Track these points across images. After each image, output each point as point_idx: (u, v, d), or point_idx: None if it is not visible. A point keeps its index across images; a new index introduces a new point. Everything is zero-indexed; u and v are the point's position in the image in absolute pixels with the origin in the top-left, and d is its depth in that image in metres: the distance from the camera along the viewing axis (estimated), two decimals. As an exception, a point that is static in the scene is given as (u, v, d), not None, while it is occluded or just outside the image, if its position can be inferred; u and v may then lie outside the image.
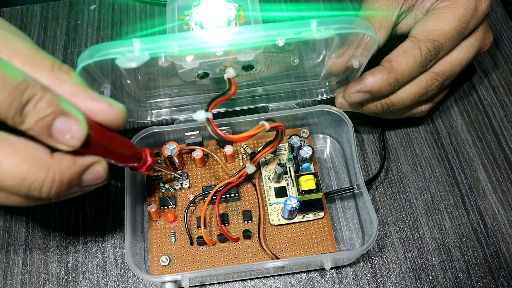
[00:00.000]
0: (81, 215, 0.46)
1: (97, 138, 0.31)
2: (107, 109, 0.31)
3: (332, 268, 0.43)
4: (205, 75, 0.42)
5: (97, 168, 0.32)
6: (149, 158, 0.39)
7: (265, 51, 0.40)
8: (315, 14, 0.58)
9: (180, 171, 0.46)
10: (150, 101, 0.46)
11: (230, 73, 0.39)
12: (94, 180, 0.32)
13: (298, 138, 0.45)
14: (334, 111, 0.46)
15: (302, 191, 0.42)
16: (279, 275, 0.44)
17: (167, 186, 0.46)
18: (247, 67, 0.42)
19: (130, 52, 0.31)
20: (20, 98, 0.26)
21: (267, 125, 0.39)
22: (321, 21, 0.32)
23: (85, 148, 0.30)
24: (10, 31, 0.31)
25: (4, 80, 0.26)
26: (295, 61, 0.44)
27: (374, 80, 0.41)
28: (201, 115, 0.36)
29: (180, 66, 0.40)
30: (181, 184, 0.46)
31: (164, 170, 0.44)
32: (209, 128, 0.37)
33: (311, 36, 0.33)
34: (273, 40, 0.35)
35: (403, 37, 0.45)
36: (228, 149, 0.46)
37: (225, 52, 0.38)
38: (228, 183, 0.44)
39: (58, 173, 0.29)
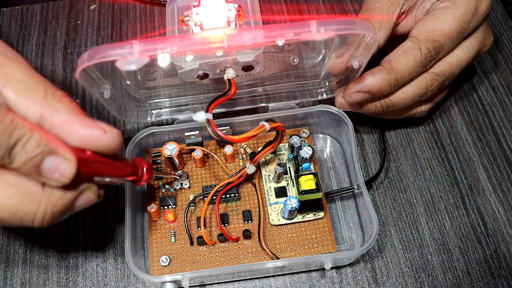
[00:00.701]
0: (81, 215, 0.46)
1: (89, 169, 0.31)
2: (101, 137, 0.31)
3: (332, 268, 0.43)
4: (205, 75, 0.42)
5: (87, 195, 0.32)
6: (145, 174, 0.38)
7: (264, 51, 0.40)
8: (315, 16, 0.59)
9: (180, 171, 0.46)
10: (150, 101, 0.46)
11: (230, 73, 0.39)
12: (86, 205, 0.33)
13: (298, 138, 0.45)
14: (334, 111, 0.46)
15: (302, 191, 0.42)
16: (279, 275, 0.44)
17: (167, 186, 0.46)
18: (247, 67, 0.42)
19: (130, 54, 0.31)
20: (8, 140, 0.27)
21: (267, 126, 0.39)
22: (321, 22, 0.32)
23: (76, 180, 0.30)
24: (4, 54, 0.31)
25: None
26: (295, 60, 0.44)
27: (374, 80, 0.41)
28: (201, 116, 0.36)
29: (180, 67, 0.40)
30: (181, 184, 0.46)
31: (164, 176, 0.44)
32: (209, 129, 0.37)
33: (311, 37, 0.33)
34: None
35: (403, 37, 0.45)
36: (228, 149, 0.46)
37: (225, 53, 0.38)
38: (228, 183, 0.44)
39: (50, 205, 0.30)
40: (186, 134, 0.46)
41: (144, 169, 0.38)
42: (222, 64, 0.40)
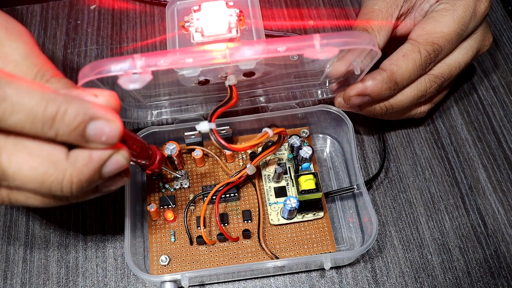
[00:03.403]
0: (81, 215, 0.46)
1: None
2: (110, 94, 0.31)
3: (332, 268, 0.43)
4: (206, 81, 0.42)
5: (116, 158, 0.31)
6: (156, 162, 0.38)
7: (266, 60, 0.40)
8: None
9: (180, 171, 0.46)
10: (150, 101, 0.46)
11: (231, 80, 0.39)
12: (115, 170, 0.31)
13: (298, 138, 0.45)
14: (334, 111, 0.46)
15: (302, 191, 0.42)
16: (279, 275, 0.44)
17: (167, 185, 0.46)
18: (248, 74, 0.41)
19: (131, 69, 0.31)
20: (44, 115, 0.27)
21: (271, 132, 0.39)
22: (325, 36, 0.32)
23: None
24: (6, 28, 0.31)
25: (20, 105, 0.26)
26: (295, 57, 0.44)
27: (374, 84, 0.41)
28: (204, 126, 0.36)
29: (182, 75, 0.39)
30: (181, 183, 0.46)
31: (168, 170, 0.44)
32: (212, 139, 0.37)
33: (315, 55, 0.32)
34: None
35: (403, 38, 0.45)
36: (228, 149, 0.46)
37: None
38: (228, 183, 0.44)
39: (75, 173, 0.29)
40: (186, 134, 0.46)
41: (158, 157, 0.38)
42: (223, 70, 0.40)
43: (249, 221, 0.44)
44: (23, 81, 0.28)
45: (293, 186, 0.45)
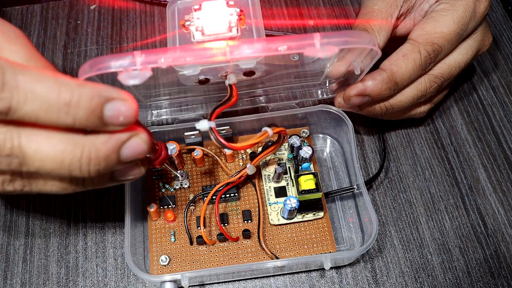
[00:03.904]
0: (81, 215, 0.46)
1: None
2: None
3: (332, 268, 0.43)
4: (206, 80, 0.42)
5: (135, 141, 0.31)
6: (161, 157, 0.38)
7: (266, 60, 0.40)
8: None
9: (180, 171, 0.46)
10: (150, 101, 0.46)
11: (231, 79, 0.39)
12: (134, 155, 0.31)
13: (298, 138, 0.45)
14: (334, 111, 0.46)
15: (302, 191, 0.42)
16: (279, 275, 0.43)
17: (166, 185, 0.46)
18: (249, 73, 0.42)
19: (131, 65, 0.31)
20: (58, 102, 0.27)
21: (270, 132, 0.39)
22: (325, 35, 0.32)
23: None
24: (3, 32, 0.31)
25: (32, 93, 0.26)
26: (295, 57, 0.44)
27: (374, 84, 0.41)
28: (204, 125, 0.36)
29: (182, 74, 0.39)
30: (181, 183, 0.46)
31: (169, 168, 0.44)
32: (212, 137, 0.37)
33: (315, 54, 0.32)
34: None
35: (403, 38, 0.45)
36: (228, 149, 0.46)
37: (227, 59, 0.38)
38: (228, 183, 0.44)
39: (94, 149, 0.29)
40: (186, 134, 0.46)
41: (163, 153, 0.38)
42: (223, 69, 0.40)
43: (249, 221, 0.44)
44: (35, 69, 0.27)
45: (293, 186, 0.45)
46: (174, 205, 0.45)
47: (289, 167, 0.46)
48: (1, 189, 0.31)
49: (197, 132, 0.46)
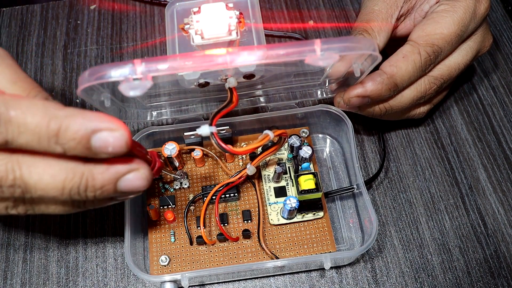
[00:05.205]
0: (81, 215, 0.46)
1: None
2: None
3: (332, 268, 0.43)
4: (206, 84, 0.41)
5: (134, 176, 0.31)
6: (157, 161, 0.38)
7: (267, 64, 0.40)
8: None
9: (179, 171, 0.46)
10: (150, 101, 0.46)
11: (231, 83, 0.39)
12: (130, 188, 0.31)
13: (298, 138, 0.45)
14: (334, 111, 0.46)
15: (302, 190, 0.42)
16: (279, 275, 0.44)
17: (166, 186, 0.46)
18: (249, 76, 0.41)
19: (131, 74, 0.31)
20: (47, 132, 0.27)
21: (271, 135, 0.39)
22: (325, 41, 0.32)
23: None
24: None
25: (24, 125, 0.27)
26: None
27: (374, 85, 0.41)
28: (205, 130, 0.36)
29: (181, 77, 0.39)
30: (181, 184, 0.46)
31: (167, 173, 0.44)
32: (213, 142, 0.37)
33: (315, 62, 0.32)
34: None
35: (403, 39, 0.45)
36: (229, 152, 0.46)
37: None
38: (228, 183, 0.44)
39: (91, 178, 0.30)
40: (185, 134, 0.46)
41: (157, 165, 0.38)
42: (223, 73, 0.40)
43: (249, 221, 0.44)
44: (26, 100, 0.28)
45: (293, 186, 0.45)
46: (174, 205, 0.45)
47: (289, 167, 0.46)
48: (5, 213, 0.32)
49: (196, 132, 0.46)
